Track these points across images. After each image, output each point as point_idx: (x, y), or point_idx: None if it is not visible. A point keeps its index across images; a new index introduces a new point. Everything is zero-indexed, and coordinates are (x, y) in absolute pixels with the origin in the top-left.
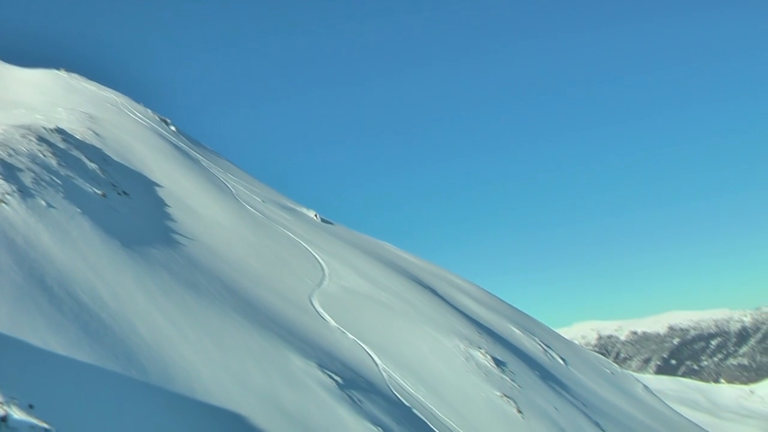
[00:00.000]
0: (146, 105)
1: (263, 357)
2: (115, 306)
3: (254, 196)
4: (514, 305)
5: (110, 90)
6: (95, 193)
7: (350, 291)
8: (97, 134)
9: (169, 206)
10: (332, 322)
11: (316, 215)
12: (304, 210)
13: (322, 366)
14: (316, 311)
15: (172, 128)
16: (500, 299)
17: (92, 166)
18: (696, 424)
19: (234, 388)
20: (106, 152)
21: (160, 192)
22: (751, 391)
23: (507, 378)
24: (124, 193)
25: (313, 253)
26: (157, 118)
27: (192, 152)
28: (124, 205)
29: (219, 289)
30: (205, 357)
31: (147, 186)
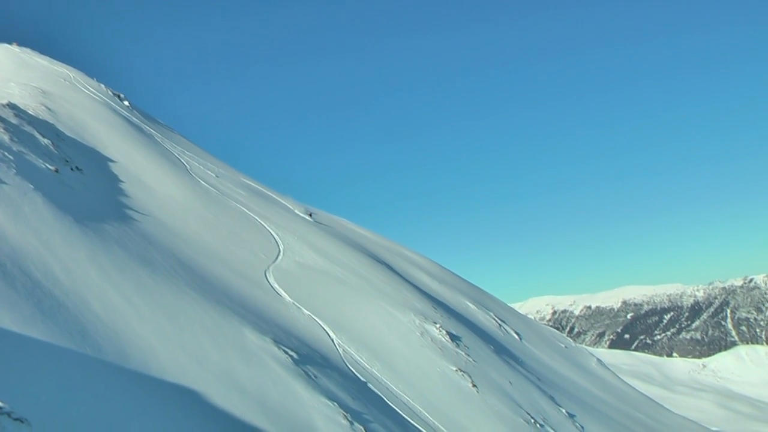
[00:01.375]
0: (99, 80)
1: (219, 333)
2: (68, 283)
3: (208, 172)
4: (469, 280)
5: (63, 65)
6: (48, 168)
7: (305, 266)
8: (49, 109)
9: (122, 182)
10: (287, 298)
11: (310, 215)
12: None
13: (277, 342)
14: (272, 287)
15: (126, 103)
16: (455, 274)
17: (45, 141)
18: (649, 398)
19: (190, 364)
20: (59, 128)
21: (114, 168)
22: (704, 365)
23: (462, 353)
24: (77, 168)
25: (268, 228)
26: (111, 93)
27: (146, 127)
28: (77, 181)
29: (173, 266)
30: (161, 334)
31: (100, 162)
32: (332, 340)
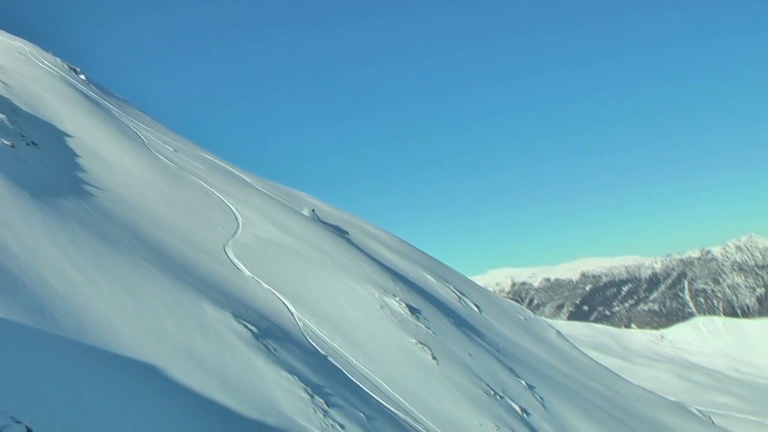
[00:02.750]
0: (55, 54)
1: (178, 308)
2: (25, 259)
3: (167, 146)
4: (429, 253)
5: (18, 39)
6: (3, 144)
7: (265, 240)
8: (5, 84)
9: (79, 157)
10: (247, 272)
11: (313, 210)
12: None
13: (237, 316)
14: (231, 261)
15: (82, 77)
16: (414, 247)
17: (0, 116)
18: (608, 369)
19: (149, 339)
20: (14, 102)
21: (71, 142)
22: (662, 336)
23: (422, 325)
24: (33, 143)
25: (227, 202)
26: (67, 67)
27: (102, 101)
28: (33, 156)
29: (132, 241)
30: (120, 309)
31: (57, 136)
32: (292, 314)
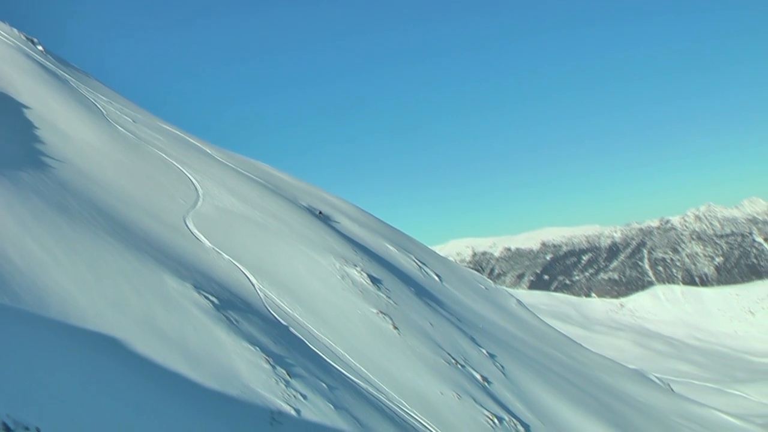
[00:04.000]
0: (12, 24)
1: (138, 280)
2: None
3: (126, 117)
4: (389, 223)
5: None
6: None
7: (225, 211)
8: None
9: (37, 128)
10: (207, 243)
11: (320, 213)
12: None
13: (198, 287)
14: (191, 232)
15: (40, 48)
16: (375, 217)
17: None
18: (568, 337)
19: (110, 312)
20: None
21: (28, 114)
22: (621, 305)
23: (383, 295)
24: None
25: (187, 173)
26: (24, 38)
27: (60, 72)
28: None
29: (92, 213)
30: (80, 282)
31: (14, 108)
32: (253, 285)
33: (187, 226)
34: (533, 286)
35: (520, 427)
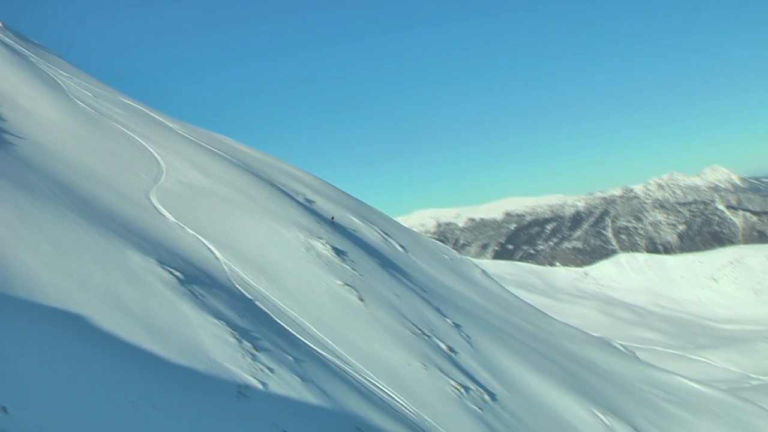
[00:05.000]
0: None
1: (102, 256)
2: None
3: (86, 92)
4: (353, 195)
5: None
6: None
7: (188, 186)
8: None
9: None
10: (171, 218)
11: (333, 218)
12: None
13: (162, 262)
14: (154, 207)
15: None
16: (339, 189)
17: None
18: (533, 306)
19: (74, 289)
20: None
21: None
22: (585, 273)
23: (348, 267)
24: None
25: (150, 148)
26: None
27: (19, 48)
28: None
29: (54, 189)
30: (43, 259)
31: None
32: (218, 259)
33: (150, 201)
34: (497, 256)
35: (486, 396)
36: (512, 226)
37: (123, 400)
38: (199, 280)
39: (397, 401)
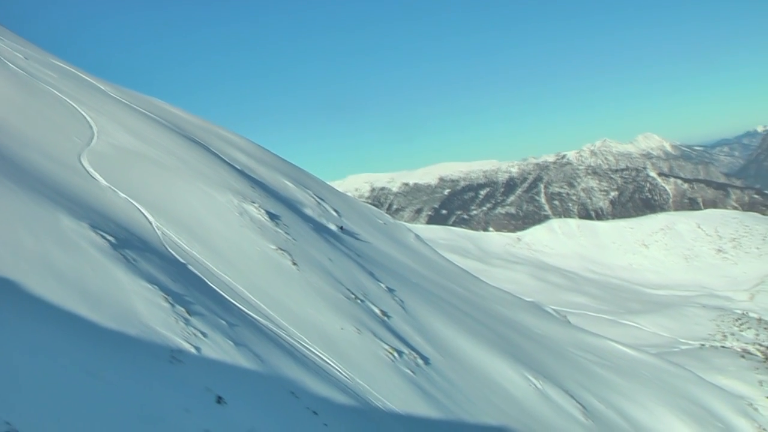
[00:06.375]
0: None
1: (33, 221)
2: None
3: (17, 54)
4: (287, 159)
5: None
6: None
7: (120, 149)
8: None
9: None
10: (103, 182)
11: (341, 228)
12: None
13: (94, 226)
14: (86, 171)
15: None
16: (273, 153)
17: None
18: (466, 271)
19: (4, 253)
20: None
21: None
22: (518, 239)
23: (281, 231)
24: None
25: (81, 111)
26: None
27: None
28: None
29: None
30: None
31: None
32: (150, 223)
33: (82, 164)
34: (431, 220)
35: (419, 360)
36: (446, 192)
37: (54, 365)
38: (131, 245)
39: (331, 365)
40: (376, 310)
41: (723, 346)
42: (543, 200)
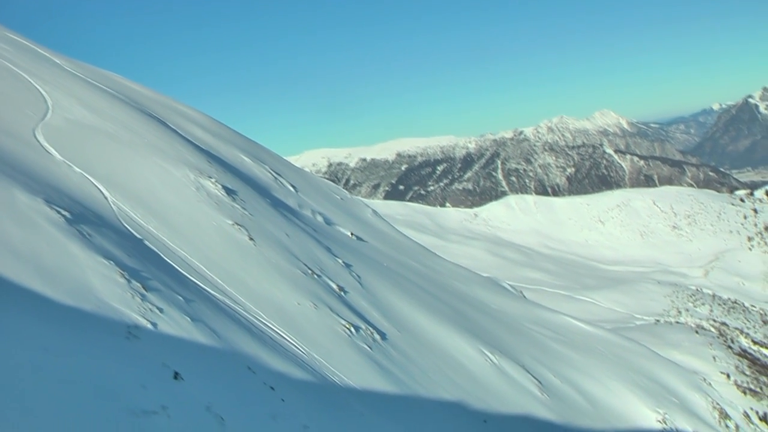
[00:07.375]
0: None
1: None
2: None
3: None
4: (244, 134)
5: None
6: None
7: (75, 123)
8: None
9: None
10: (58, 156)
11: (351, 234)
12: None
13: (49, 202)
14: (41, 145)
15: None
16: (229, 128)
17: None
18: (423, 246)
19: None
20: None
21: None
22: (475, 214)
23: (238, 206)
24: None
25: (36, 84)
26: None
27: None
28: None
29: None
30: None
31: None
32: (106, 198)
33: (36, 138)
34: (388, 196)
35: (376, 335)
36: (403, 167)
37: (9, 342)
38: (87, 220)
39: (288, 340)
40: (333, 286)
41: (677, 322)
42: (500, 176)
